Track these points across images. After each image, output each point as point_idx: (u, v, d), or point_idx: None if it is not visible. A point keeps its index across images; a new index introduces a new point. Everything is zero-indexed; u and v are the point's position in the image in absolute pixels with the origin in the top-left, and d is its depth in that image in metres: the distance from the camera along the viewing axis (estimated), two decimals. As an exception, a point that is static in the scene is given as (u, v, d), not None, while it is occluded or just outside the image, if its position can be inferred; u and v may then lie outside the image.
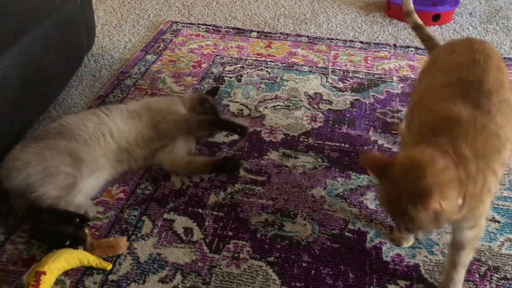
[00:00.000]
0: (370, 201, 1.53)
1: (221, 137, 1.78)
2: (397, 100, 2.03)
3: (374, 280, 1.29)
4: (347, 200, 1.53)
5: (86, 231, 1.34)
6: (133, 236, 1.39)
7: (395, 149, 1.75)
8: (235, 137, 1.78)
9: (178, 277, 1.28)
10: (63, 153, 1.42)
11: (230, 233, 1.41)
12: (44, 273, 1.18)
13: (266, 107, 1.96)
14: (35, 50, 1.62)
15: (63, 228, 1.32)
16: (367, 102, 2.01)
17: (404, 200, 0.94)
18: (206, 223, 1.44)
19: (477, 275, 1.31)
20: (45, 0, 1.70)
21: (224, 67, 2.22)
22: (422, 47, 1.68)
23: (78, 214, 1.34)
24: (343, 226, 1.44)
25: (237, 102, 1.99)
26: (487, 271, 1.32)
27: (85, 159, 1.45)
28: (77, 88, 2.04)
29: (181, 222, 1.44)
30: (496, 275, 1.31)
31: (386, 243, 1.39)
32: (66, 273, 1.26)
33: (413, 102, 1.32)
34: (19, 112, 1.57)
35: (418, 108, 1.21)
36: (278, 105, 1.98)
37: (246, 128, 1.70)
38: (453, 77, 1.18)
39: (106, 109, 1.62)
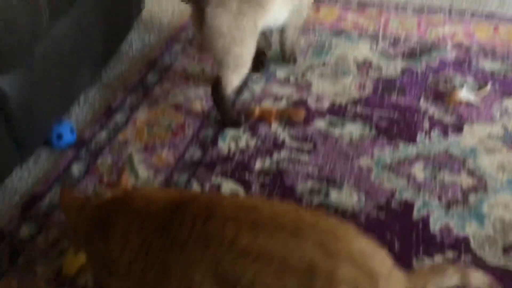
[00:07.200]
0: (419, 172, 1.50)
1: (278, 91, 1.78)
2: (451, 68, 1.95)
3: (421, 250, 1.29)
4: (395, 170, 1.51)
5: None
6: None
7: (446, 119, 1.69)
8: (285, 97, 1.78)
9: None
10: None
11: (276, 200, 1.43)
12: None
13: (313, 74, 1.93)
14: (87, 16, 1.66)
15: None
16: (418, 70, 1.94)
17: None
18: (253, 189, 1.46)
19: None
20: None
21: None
22: (480, 12, 1.56)
23: None
24: (390, 197, 1.43)
25: (283, 68, 1.97)
26: None
27: None
28: (127, 54, 2.08)
29: (228, 186, 1.47)
30: None
31: (434, 214, 1.37)
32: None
33: None
34: (73, 78, 1.63)
35: None
36: (326, 72, 1.95)
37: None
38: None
39: None
